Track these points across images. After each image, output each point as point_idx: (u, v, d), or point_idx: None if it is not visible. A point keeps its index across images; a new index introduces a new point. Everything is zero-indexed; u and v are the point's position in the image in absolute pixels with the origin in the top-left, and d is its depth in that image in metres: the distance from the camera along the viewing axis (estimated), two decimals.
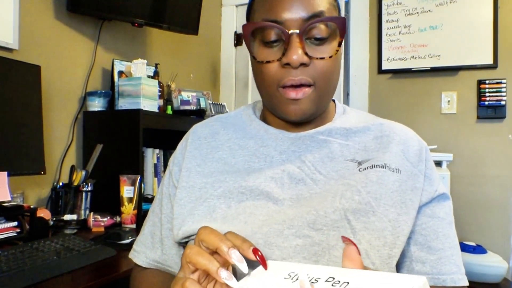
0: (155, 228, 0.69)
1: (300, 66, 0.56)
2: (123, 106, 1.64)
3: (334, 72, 0.60)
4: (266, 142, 0.64)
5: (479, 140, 2.19)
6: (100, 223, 1.40)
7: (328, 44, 0.57)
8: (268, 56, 0.58)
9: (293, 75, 0.56)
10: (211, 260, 0.44)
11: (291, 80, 0.56)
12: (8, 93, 1.24)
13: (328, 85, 0.59)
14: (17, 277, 0.86)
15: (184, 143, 0.71)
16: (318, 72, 0.57)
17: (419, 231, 0.59)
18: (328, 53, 0.57)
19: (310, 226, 0.54)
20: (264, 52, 0.58)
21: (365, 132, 0.64)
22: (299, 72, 0.56)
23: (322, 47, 0.57)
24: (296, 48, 0.55)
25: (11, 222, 1.16)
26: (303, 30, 0.55)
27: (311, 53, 0.56)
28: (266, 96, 0.62)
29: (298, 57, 0.55)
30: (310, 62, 0.56)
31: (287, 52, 0.55)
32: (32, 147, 1.31)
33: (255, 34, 0.59)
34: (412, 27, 2.31)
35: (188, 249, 0.45)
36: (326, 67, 0.57)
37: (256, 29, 0.58)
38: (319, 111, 0.62)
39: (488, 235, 2.14)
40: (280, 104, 0.59)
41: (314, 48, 0.57)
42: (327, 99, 0.62)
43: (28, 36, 1.47)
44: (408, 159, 0.60)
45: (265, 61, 0.58)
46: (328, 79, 0.58)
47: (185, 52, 2.40)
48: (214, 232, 0.46)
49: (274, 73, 0.58)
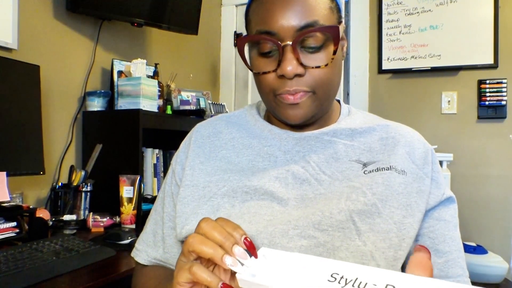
0: (157, 227, 0.69)
1: (295, 76, 0.56)
2: (123, 106, 1.64)
3: (333, 79, 0.59)
4: (270, 142, 0.63)
5: (480, 140, 2.19)
6: (100, 224, 1.40)
7: (323, 52, 0.56)
8: (264, 67, 0.58)
9: (288, 85, 0.56)
10: (215, 248, 0.43)
11: (287, 91, 0.56)
12: (8, 93, 1.24)
13: (328, 92, 0.59)
14: (16, 278, 0.86)
15: (187, 141, 0.70)
16: (316, 81, 0.57)
17: (427, 234, 0.59)
18: (324, 61, 0.56)
19: (315, 227, 0.53)
20: (261, 63, 0.58)
21: (370, 133, 0.63)
22: (294, 82, 0.56)
23: (317, 55, 0.56)
24: (290, 60, 0.54)
25: (10, 222, 1.15)
26: (296, 41, 0.54)
27: (306, 62, 0.56)
28: (265, 101, 0.62)
29: (292, 68, 0.54)
30: (305, 71, 0.56)
31: (282, 64, 0.55)
32: (31, 147, 1.30)
33: (251, 44, 0.59)
34: (412, 27, 2.31)
35: (190, 238, 0.45)
36: (323, 75, 0.57)
37: (250, 41, 0.59)
38: (320, 115, 0.62)
39: (488, 235, 2.14)
40: (279, 109, 0.59)
41: (309, 57, 0.56)
42: (327, 104, 0.62)
43: (27, 35, 1.47)
44: (413, 162, 0.60)
45: (261, 72, 0.58)
46: (327, 86, 0.58)
47: (185, 52, 2.40)
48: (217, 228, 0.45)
49: (270, 83, 0.58)
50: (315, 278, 0.39)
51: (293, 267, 0.41)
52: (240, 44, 0.59)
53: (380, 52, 2.37)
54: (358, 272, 0.38)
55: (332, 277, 0.38)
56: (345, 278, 0.38)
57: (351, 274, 0.38)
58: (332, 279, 0.38)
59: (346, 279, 0.38)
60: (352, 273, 0.38)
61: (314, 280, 0.39)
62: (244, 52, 0.60)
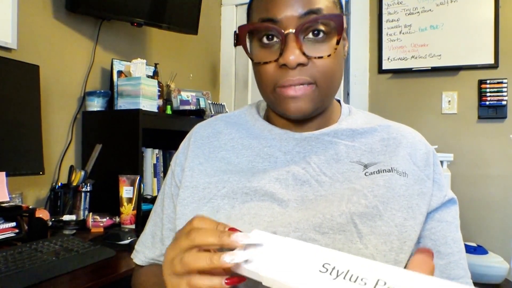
0: (156, 228, 0.69)
1: (298, 66, 0.54)
2: (123, 106, 1.64)
3: (336, 71, 0.58)
4: (270, 142, 0.63)
5: (480, 140, 2.18)
6: (99, 224, 1.39)
7: (327, 42, 0.56)
8: (265, 57, 0.57)
9: (290, 75, 0.55)
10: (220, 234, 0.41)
11: (289, 80, 0.55)
12: (7, 93, 1.24)
13: (331, 84, 0.58)
14: (15, 278, 0.86)
15: (186, 142, 0.70)
16: (319, 71, 0.56)
17: (428, 236, 0.58)
18: (327, 51, 0.55)
19: (316, 230, 0.53)
20: (262, 53, 0.57)
21: (372, 134, 0.62)
22: (297, 72, 0.55)
23: (320, 45, 0.55)
24: (293, 48, 0.53)
25: (10, 222, 1.15)
26: (299, 29, 0.53)
27: (309, 52, 0.55)
28: (265, 95, 0.61)
29: (295, 57, 0.53)
30: (308, 61, 0.55)
31: (284, 53, 0.54)
32: (30, 147, 1.30)
33: (252, 34, 0.58)
34: (412, 27, 2.30)
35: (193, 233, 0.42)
36: (326, 65, 0.56)
37: (252, 29, 0.57)
38: (321, 109, 0.61)
39: (489, 236, 2.13)
40: (279, 103, 0.58)
41: (313, 47, 0.55)
42: (329, 98, 0.61)
43: (26, 35, 1.46)
44: (415, 163, 0.59)
45: (262, 62, 0.57)
46: (330, 77, 0.57)
47: (185, 52, 2.39)
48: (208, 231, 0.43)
49: (272, 74, 0.56)
50: (307, 268, 0.38)
51: (285, 255, 0.40)
52: (241, 32, 0.58)
53: (380, 52, 2.37)
54: (350, 264, 0.38)
55: (323, 268, 0.38)
56: (337, 269, 0.38)
57: (343, 265, 0.38)
58: (324, 269, 0.38)
59: (337, 270, 0.38)
60: (344, 264, 0.38)
61: (306, 270, 0.38)
62: (246, 41, 0.59)
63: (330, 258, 0.39)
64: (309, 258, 0.39)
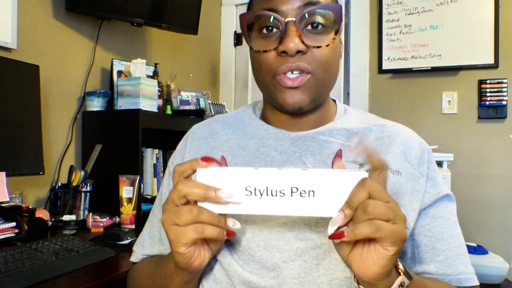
0: (154, 229, 0.69)
1: (297, 54, 0.56)
2: (122, 106, 1.64)
3: (333, 62, 0.59)
4: (266, 142, 0.63)
5: (480, 140, 2.18)
6: (99, 224, 1.39)
7: (325, 32, 0.57)
8: (265, 46, 0.58)
9: (290, 62, 0.56)
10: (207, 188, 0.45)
11: (288, 66, 0.56)
12: (7, 93, 1.24)
13: (327, 75, 0.59)
14: (15, 278, 0.86)
15: (183, 143, 0.70)
16: (316, 61, 0.57)
17: (423, 232, 0.58)
18: (326, 41, 0.57)
19: (311, 229, 0.53)
20: (261, 42, 0.58)
21: (366, 134, 0.63)
22: (296, 59, 0.56)
23: (319, 36, 0.57)
24: (293, 36, 0.55)
25: (10, 222, 1.15)
26: (299, 18, 0.55)
27: (308, 42, 0.56)
28: (263, 86, 0.61)
29: (295, 45, 0.55)
30: (307, 50, 0.56)
31: (284, 40, 0.55)
32: (30, 147, 1.30)
33: (253, 24, 0.59)
34: (412, 27, 2.30)
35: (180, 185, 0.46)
36: (323, 55, 0.57)
37: (253, 18, 0.58)
38: (317, 102, 0.61)
39: (489, 236, 2.13)
40: (277, 93, 0.59)
41: (311, 37, 0.57)
42: (326, 90, 0.62)
43: (26, 35, 1.46)
44: (409, 161, 0.60)
45: (262, 50, 0.58)
46: (327, 68, 0.58)
47: (185, 52, 2.39)
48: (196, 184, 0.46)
49: (271, 62, 0.57)
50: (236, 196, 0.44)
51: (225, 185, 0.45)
52: (243, 19, 0.59)
53: (380, 52, 2.37)
54: (266, 181, 0.43)
55: (247, 191, 0.44)
56: (258, 189, 0.43)
57: (261, 184, 0.43)
58: (248, 192, 0.43)
59: (259, 190, 0.43)
60: (262, 182, 0.43)
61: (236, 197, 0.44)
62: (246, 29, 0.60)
63: (248, 180, 0.43)
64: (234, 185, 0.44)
